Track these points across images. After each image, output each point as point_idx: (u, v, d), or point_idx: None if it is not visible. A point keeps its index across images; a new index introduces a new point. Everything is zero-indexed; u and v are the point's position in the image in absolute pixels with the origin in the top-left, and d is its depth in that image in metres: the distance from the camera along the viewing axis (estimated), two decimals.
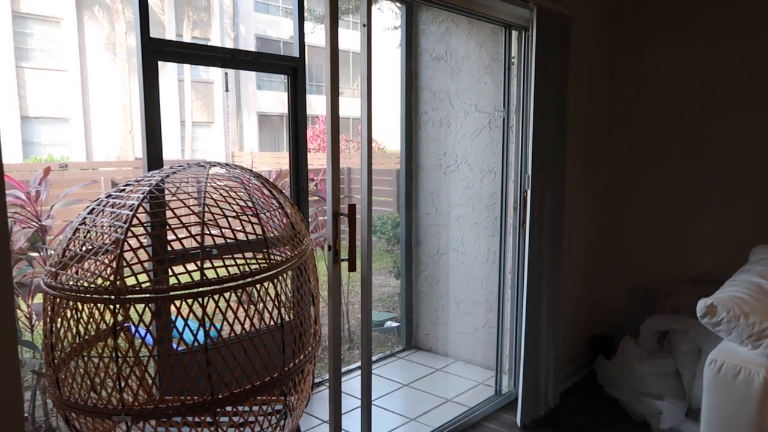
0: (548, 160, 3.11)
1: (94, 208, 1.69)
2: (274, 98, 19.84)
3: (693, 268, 3.67)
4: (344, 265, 2.32)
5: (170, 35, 16.35)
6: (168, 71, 15.94)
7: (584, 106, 3.63)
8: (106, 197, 1.72)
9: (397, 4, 6.58)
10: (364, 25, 2.22)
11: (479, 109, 3.74)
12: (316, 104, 14.49)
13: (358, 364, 3.88)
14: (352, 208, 2.19)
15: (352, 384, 3.58)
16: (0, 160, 1.08)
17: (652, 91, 3.78)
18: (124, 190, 1.74)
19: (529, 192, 3.04)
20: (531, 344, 3.14)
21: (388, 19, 9.32)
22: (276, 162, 14.36)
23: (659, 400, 3.27)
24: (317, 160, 9.96)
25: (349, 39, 4.20)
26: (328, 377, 2.58)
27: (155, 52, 2.23)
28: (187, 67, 16.65)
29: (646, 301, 3.81)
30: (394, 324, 4.94)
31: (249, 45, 18.96)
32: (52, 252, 2.21)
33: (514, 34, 3.30)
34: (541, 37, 2.94)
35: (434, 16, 3.93)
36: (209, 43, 17.77)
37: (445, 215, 4.02)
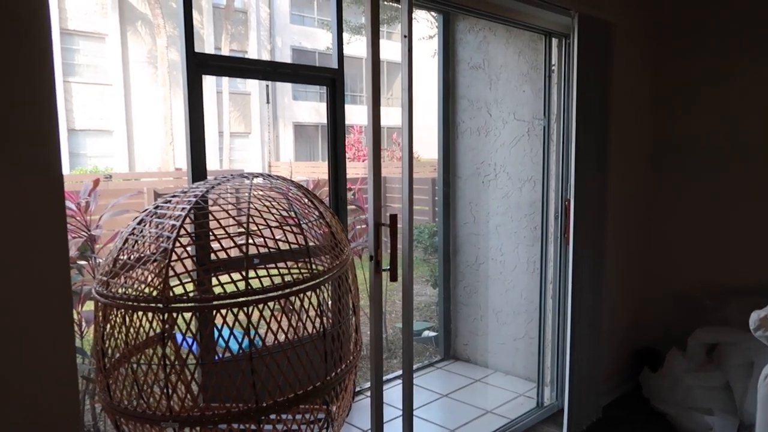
0: (591, 168, 3.06)
1: (143, 219, 1.73)
2: (310, 109, 20.11)
3: (743, 279, 3.54)
4: (385, 275, 2.32)
5: (209, 48, 16.76)
6: (207, 83, 16.32)
7: (628, 113, 3.56)
8: (154, 208, 1.76)
9: (433, 14, 6.60)
10: (405, 36, 2.22)
11: (518, 117, 3.70)
12: (351, 114, 14.62)
13: (397, 373, 3.87)
14: (393, 218, 2.19)
15: (390, 393, 3.57)
16: (60, 174, 1.12)
17: (699, 97, 3.68)
18: (170, 201, 1.78)
19: (572, 201, 2.99)
20: (575, 355, 3.07)
21: (423, 29, 9.35)
22: (311, 171, 14.53)
23: (709, 415, 3.16)
24: (352, 169, 10.03)
25: (384, 48, 4.23)
26: (367, 386, 2.58)
27: (200, 66, 2.28)
28: (225, 79, 17.02)
29: (694, 312, 3.69)
30: (432, 333, 4.91)
31: (285, 56, 19.28)
32: (102, 261, 2.27)
33: (554, 41, 3.26)
34: (583, 45, 2.90)
35: (471, 25, 3.92)
36: (246, 55, 18.13)
37: (483, 224, 3.99)
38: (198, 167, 2.33)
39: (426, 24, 9.21)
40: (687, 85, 3.72)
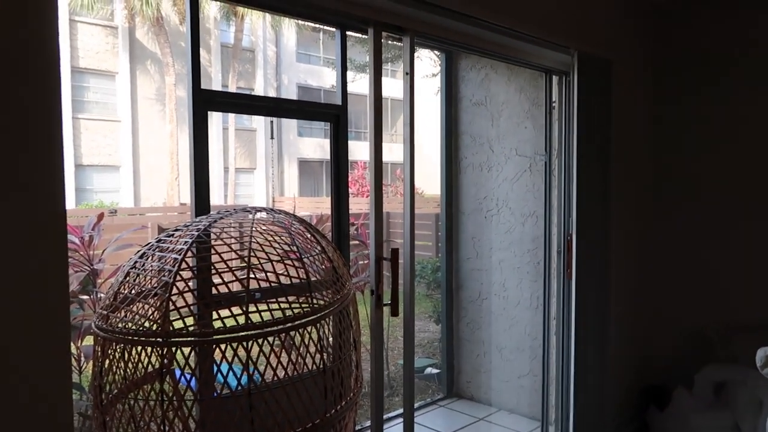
0: (593, 203, 3.07)
1: (144, 253, 1.73)
2: (315, 145, 20.33)
3: (750, 314, 3.49)
4: (386, 309, 2.30)
5: (216, 86, 17.05)
6: (213, 120, 16.56)
7: (629, 148, 3.58)
8: (156, 242, 1.77)
9: (437, 52, 6.73)
10: (406, 74, 2.27)
11: (520, 153, 3.73)
12: (356, 150, 14.78)
13: (398, 411, 3.80)
14: (395, 252, 2.19)
15: None
16: (63, 208, 1.13)
17: (700, 131, 3.71)
18: (173, 235, 1.79)
19: (573, 236, 2.99)
20: (579, 393, 3.02)
21: (427, 67, 9.52)
22: (315, 207, 14.59)
23: None
24: (356, 204, 10.07)
25: (387, 86, 4.30)
26: (367, 425, 2.53)
27: (206, 102, 2.32)
28: (231, 115, 17.28)
29: (701, 349, 3.63)
30: (435, 370, 4.84)
31: (291, 93, 19.60)
32: (103, 295, 2.27)
33: (555, 79, 3.31)
34: (583, 82, 2.95)
35: (473, 63, 3.99)
36: (253, 93, 18.43)
37: (486, 259, 3.97)
38: (202, 202, 2.34)
39: (429, 62, 9.39)
40: (688, 121, 3.75)
